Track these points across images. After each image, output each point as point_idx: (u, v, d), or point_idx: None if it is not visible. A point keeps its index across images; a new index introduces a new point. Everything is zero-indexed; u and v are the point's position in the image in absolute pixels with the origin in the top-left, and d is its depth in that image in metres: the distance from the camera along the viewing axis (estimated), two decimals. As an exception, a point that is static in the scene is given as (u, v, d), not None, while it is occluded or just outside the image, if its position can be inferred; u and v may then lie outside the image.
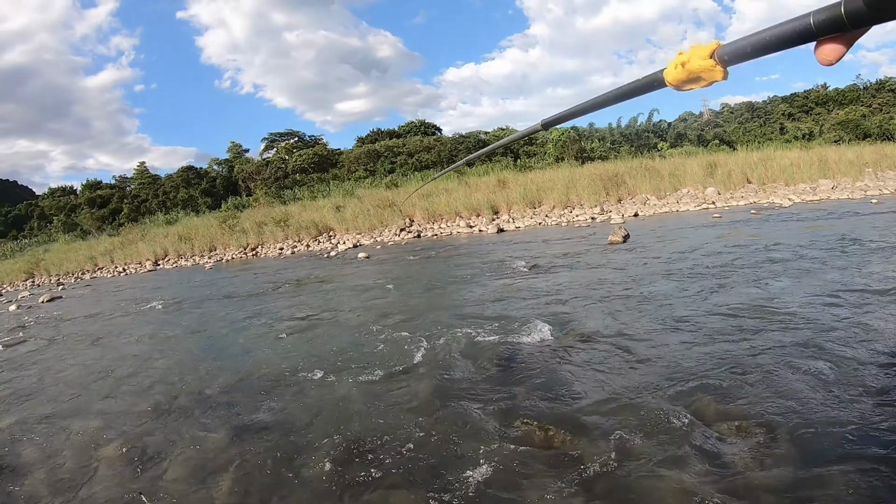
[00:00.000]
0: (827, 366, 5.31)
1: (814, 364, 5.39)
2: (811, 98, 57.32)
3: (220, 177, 55.09)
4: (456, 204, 27.62)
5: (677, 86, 1.19)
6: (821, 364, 5.37)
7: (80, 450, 5.73)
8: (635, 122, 50.77)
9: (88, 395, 7.60)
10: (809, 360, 5.52)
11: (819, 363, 5.40)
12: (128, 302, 16.97)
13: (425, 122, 60.65)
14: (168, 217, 42.29)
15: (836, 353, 5.63)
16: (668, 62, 1.18)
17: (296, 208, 33.41)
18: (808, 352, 5.75)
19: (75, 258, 33.09)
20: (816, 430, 4.21)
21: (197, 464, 5.07)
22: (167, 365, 8.69)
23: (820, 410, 4.49)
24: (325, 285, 14.69)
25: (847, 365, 5.30)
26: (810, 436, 4.15)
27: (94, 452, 5.61)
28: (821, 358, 5.53)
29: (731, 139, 45.27)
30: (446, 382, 6.21)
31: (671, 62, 1.17)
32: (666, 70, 1.20)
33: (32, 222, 56.65)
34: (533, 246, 17.19)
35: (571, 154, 39.89)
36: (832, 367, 5.26)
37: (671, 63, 1.17)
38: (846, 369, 5.20)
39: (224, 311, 12.85)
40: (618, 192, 26.54)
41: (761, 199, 22.87)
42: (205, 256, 29.81)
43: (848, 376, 5.05)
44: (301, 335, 9.34)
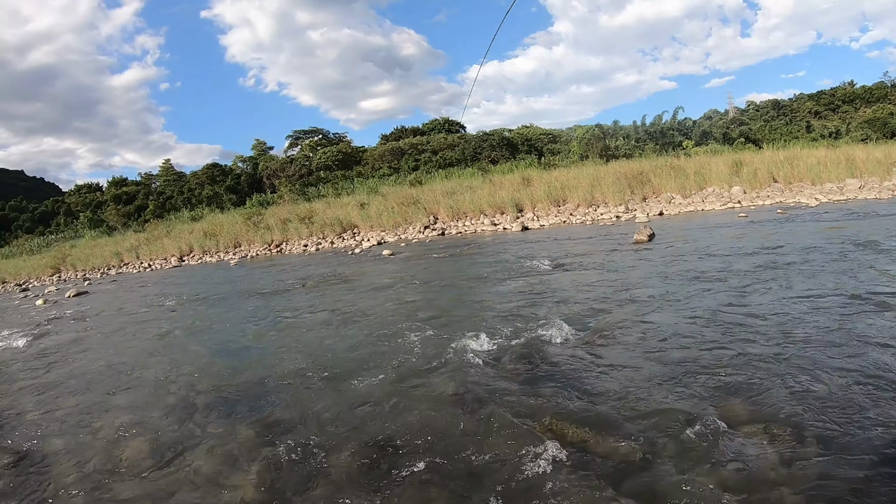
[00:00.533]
0: (858, 369, 5.25)
1: (844, 367, 5.33)
2: (838, 96, 56.63)
3: (244, 174, 55.52)
4: (480, 202, 27.67)
5: None
6: (851, 367, 5.31)
7: (107, 443, 5.81)
8: (660, 120, 50.44)
9: (114, 389, 7.72)
10: (840, 363, 5.46)
11: (849, 366, 5.34)
12: (153, 297, 17.30)
13: (449, 120, 60.60)
14: (193, 214, 42.93)
15: (868, 356, 5.55)
16: None
17: (320, 205, 33.62)
18: (838, 355, 5.67)
19: (101, 254, 33.67)
20: (846, 434, 4.17)
21: (223, 459, 5.12)
22: (192, 360, 8.80)
23: (850, 414, 4.45)
24: (349, 283, 14.82)
25: (879, 369, 5.23)
26: (839, 440, 4.12)
27: (120, 446, 5.69)
28: (851, 361, 5.46)
29: (757, 137, 44.79)
30: (472, 380, 6.20)
31: None
32: None
33: (59, 218, 57.34)
34: (557, 244, 17.24)
35: (596, 152, 39.71)
36: (863, 371, 5.19)
37: None
38: (877, 373, 5.14)
39: (249, 307, 13.02)
40: (642, 190, 26.41)
41: (787, 198, 22.67)
42: (229, 253, 30.17)
43: (879, 381, 4.98)
44: (325, 332, 9.39)
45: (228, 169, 56.90)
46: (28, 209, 61.95)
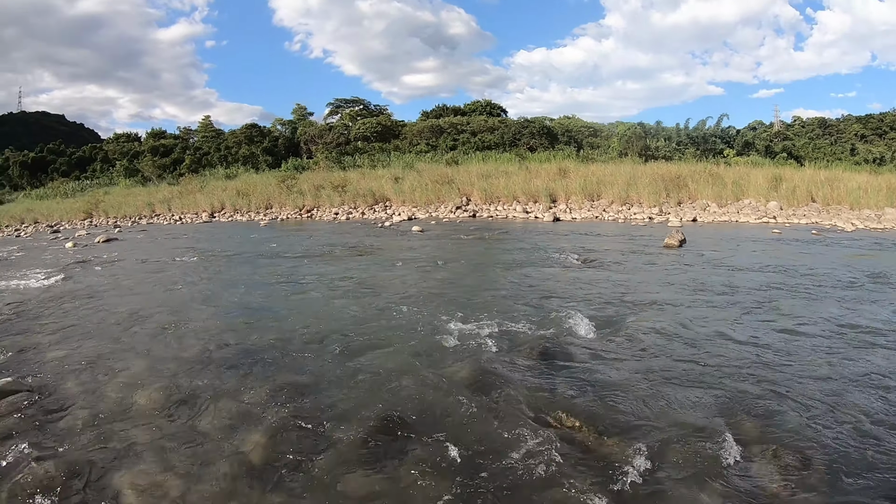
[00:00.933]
0: (872, 403, 5.22)
1: (859, 399, 5.30)
2: (886, 121, 55.46)
3: (282, 137, 55.74)
4: (514, 188, 27.69)
5: None
6: (866, 400, 5.27)
7: (121, 389, 5.92)
8: (703, 125, 49.81)
9: (134, 337, 7.84)
10: (856, 394, 5.42)
11: (865, 399, 5.30)
12: (180, 250, 17.57)
13: (491, 103, 60.20)
14: (228, 171, 43.35)
15: (884, 390, 5.50)
16: None
17: (355, 175, 33.86)
18: (857, 385, 5.63)
19: (134, 203, 34.24)
20: (851, 469, 4.16)
21: (233, 416, 5.22)
22: (213, 315, 8.94)
23: (858, 447, 4.44)
24: (375, 254, 14.99)
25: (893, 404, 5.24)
26: (845, 473, 4.11)
27: (133, 393, 5.80)
28: (868, 394, 5.42)
29: (800, 154, 44.14)
30: (487, 366, 6.23)
31: None
32: None
33: (95, 164, 57.95)
34: (587, 239, 17.23)
35: (635, 150, 39.37)
36: (877, 406, 5.16)
37: None
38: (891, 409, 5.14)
39: (274, 269, 13.17)
40: (678, 194, 26.21)
41: (824, 219, 22.34)
42: (260, 213, 30.53)
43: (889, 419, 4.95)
44: (346, 302, 9.45)
45: (267, 130, 57.11)
46: (66, 153, 62.57)
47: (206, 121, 62.16)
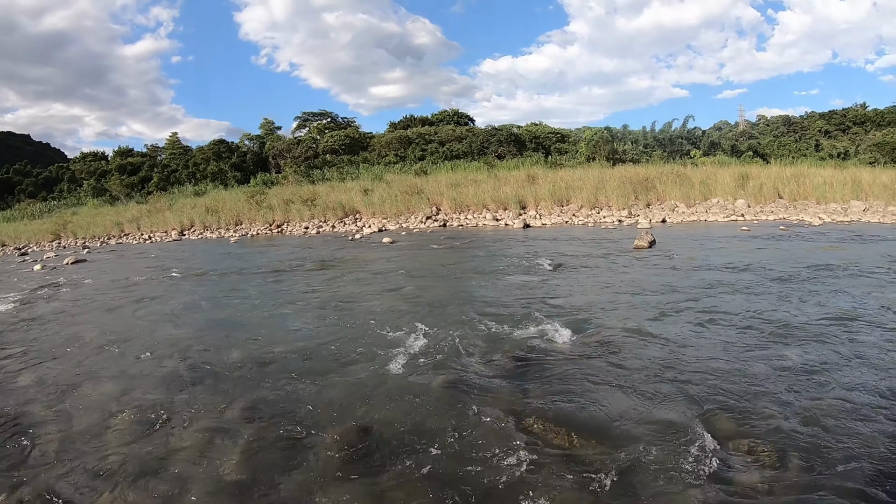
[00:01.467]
0: (844, 392, 5.28)
1: (831, 390, 5.35)
2: (849, 117, 56.38)
3: (250, 152, 55.39)
4: (484, 196, 27.62)
5: None
6: (838, 391, 5.33)
7: (93, 413, 5.85)
8: (669, 128, 50.33)
9: (105, 359, 7.76)
10: (828, 385, 5.48)
11: (837, 390, 5.36)
12: (151, 269, 17.30)
13: (458, 112, 60.37)
14: (196, 188, 42.81)
15: (855, 380, 5.58)
16: None
17: (324, 188, 33.64)
18: (827, 376, 5.69)
19: (102, 223, 33.65)
20: (826, 460, 4.19)
21: (207, 435, 5.16)
22: (185, 334, 8.84)
23: (832, 439, 4.47)
24: (346, 268, 14.86)
25: (864, 393, 5.27)
26: (819, 465, 4.14)
27: (106, 417, 5.72)
28: (839, 384, 5.48)
29: (766, 152, 44.69)
30: (461, 376, 6.23)
31: None
32: None
33: (62, 185, 57.10)
34: (558, 244, 17.23)
35: (603, 155, 39.59)
36: (849, 394, 5.23)
37: None
38: (863, 398, 5.16)
39: (245, 285, 13.05)
40: (647, 196, 26.38)
41: (791, 215, 22.61)
42: (230, 230, 30.15)
43: (864, 405, 5.02)
44: (319, 316, 9.42)
45: (235, 146, 56.69)
46: (32, 174, 61.60)
47: (173, 137, 61.45)
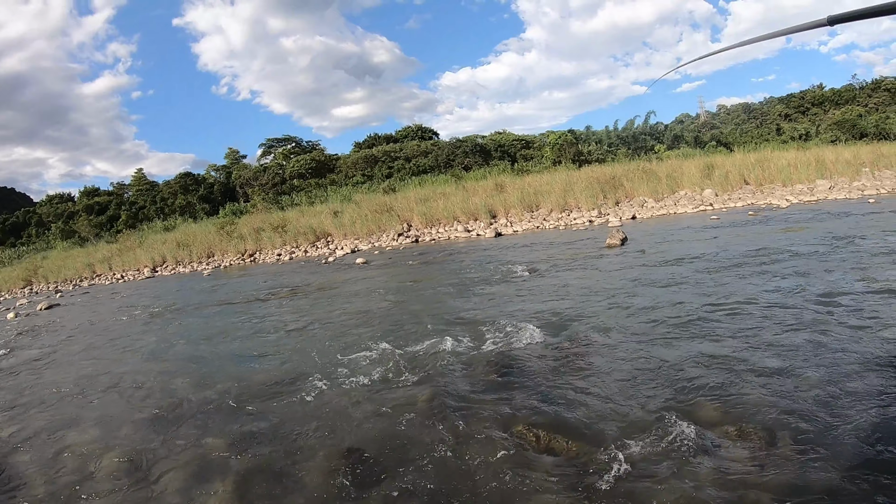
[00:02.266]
0: (824, 368, 5.37)
1: (811, 366, 5.44)
2: (807, 98, 57.34)
3: (217, 183, 55.00)
4: (453, 208, 27.53)
5: None
6: (818, 366, 5.42)
7: (79, 459, 5.74)
8: (632, 125, 51.00)
9: (87, 404, 7.62)
10: (807, 362, 5.57)
11: (816, 365, 5.45)
12: (126, 309, 16.95)
13: (422, 127, 60.58)
14: (166, 224, 42.37)
15: (833, 355, 5.68)
16: None
17: (293, 214, 33.38)
18: (806, 354, 5.80)
19: (73, 265, 33.09)
20: (816, 432, 4.24)
21: (196, 471, 5.09)
22: (165, 372, 8.69)
23: (818, 412, 4.53)
24: (323, 291, 14.66)
25: (843, 366, 5.35)
26: (810, 438, 4.18)
27: (92, 462, 5.62)
28: (818, 360, 5.59)
29: (728, 140, 45.27)
30: (446, 389, 6.20)
31: None
32: None
33: (30, 229, 56.27)
34: (531, 250, 17.20)
35: (568, 157, 39.88)
36: (829, 369, 5.31)
37: None
38: (843, 371, 5.25)
39: (221, 317, 12.85)
40: (615, 194, 26.53)
41: (759, 200, 22.89)
42: (203, 263, 29.77)
43: (844, 379, 5.09)
44: (298, 342, 9.31)
45: (201, 178, 56.29)
46: (-2, 220, 60.92)
47: (138, 174, 60.76)
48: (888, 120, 43.70)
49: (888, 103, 50.75)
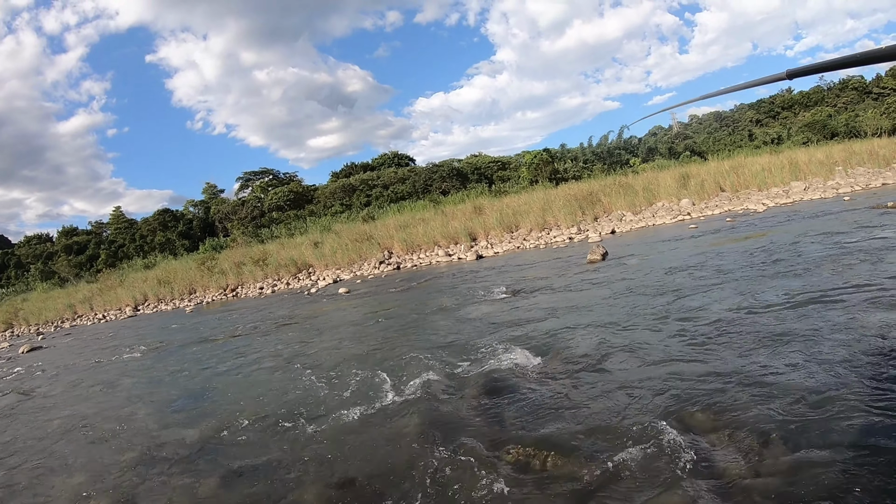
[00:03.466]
0: (814, 372, 5.40)
1: (797, 369, 5.51)
2: (777, 103, 58.30)
3: (196, 218, 54.97)
4: (433, 233, 27.47)
5: None
6: (804, 368, 5.49)
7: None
8: (606, 140, 51.42)
9: (72, 449, 7.51)
10: (792, 365, 5.63)
11: (802, 367, 5.52)
12: (109, 350, 16.74)
13: (398, 154, 61.01)
14: (146, 261, 42.11)
15: (819, 356, 5.74)
16: None
17: (274, 247, 33.25)
18: (791, 357, 5.86)
19: (54, 306, 32.76)
20: (807, 433, 4.28)
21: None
22: (151, 413, 8.60)
23: (808, 413, 4.57)
24: (306, 324, 14.55)
25: (830, 367, 5.41)
26: (803, 442, 4.20)
27: (80, 507, 5.51)
28: (803, 362, 5.64)
29: (702, 149, 45.84)
30: (434, 416, 6.19)
31: None
32: None
33: (9, 271, 55.75)
34: (512, 270, 17.14)
35: (545, 176, 40.14)
36: (820, 373, 5.34)
37: None
38: (830, 372, 5.31)
39: (206, 355, 12.70)
40: (593, 210, 26.61)
41: (736, 206, 23.07)
42: (185, 299, 29.52)
43: (832, 378, 5.15)
44: (284, 376, 9.24)
45: (180, 214, 56.27)
46: (-24, 263, 60.30)
47: (117, 212, 60.46)
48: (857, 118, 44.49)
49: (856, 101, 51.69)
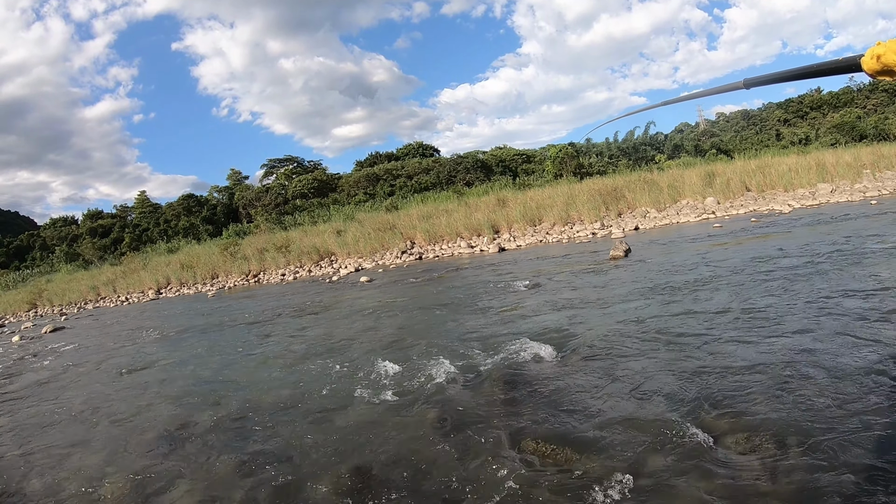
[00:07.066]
0: (830, 374, 5.38)
1: (817, 373, 5.46)
2: (806, 103, 57.49)
3: (220, 204, 55.23)
4: (456, 224, 27.49)
5: (871, 75, 1.35)
6: (824, 372, 5.44)
7: (86, 483, 5.74)
8: (632, 136, 51.01)
9: (93, 428, 7.62)
10: (813, 369, 5.59)
11: (822, 371, 5.47)
12: (131, 331, 16.99)
13: (423, 144, 60.96)
14: (169, 245, 42.56)
15: (839, 360, 5.69)
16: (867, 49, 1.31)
17: (297, 234, 33.41)
18: (812, 361, 5.80)
19: (77, 288, 33.14)
20: (826, 438, 4.24)
21: (203, 495, 5.08)
22: (171, 395, 8.70)
23: (827, 418, 4.54)
24: (328, 311, 14.66)
25: (850, 372, 5.37)
26: (820, 443, 4.18)
27: (99, 487, 5.61)
28: (824, 366, 5.59)
29: (728, 148, 45.31)
30: (453, 407, 6.19)
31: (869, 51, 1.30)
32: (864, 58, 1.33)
33: (34, 253, 56.34)
34: (534, 264, 17.15)
35: (570, 170, 39.94)
36: (835, 375, 5.33)
37: (869, 52, 1.30)
38: (849, 376, 5.27)
39: (227, 339, 12.86)
40: (617, 206, 26.48)
41: (761, 206, 22.85)
42: (207, 284, 29.73)
43: (852, 383, 5.11)
44: (303, 363, 9.29)
45: (204, 199, 56.56)
46: (3, 243, 60.69)
47: (141, 196, 61.04)
48: (887, 121, 43.79)
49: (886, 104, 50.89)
